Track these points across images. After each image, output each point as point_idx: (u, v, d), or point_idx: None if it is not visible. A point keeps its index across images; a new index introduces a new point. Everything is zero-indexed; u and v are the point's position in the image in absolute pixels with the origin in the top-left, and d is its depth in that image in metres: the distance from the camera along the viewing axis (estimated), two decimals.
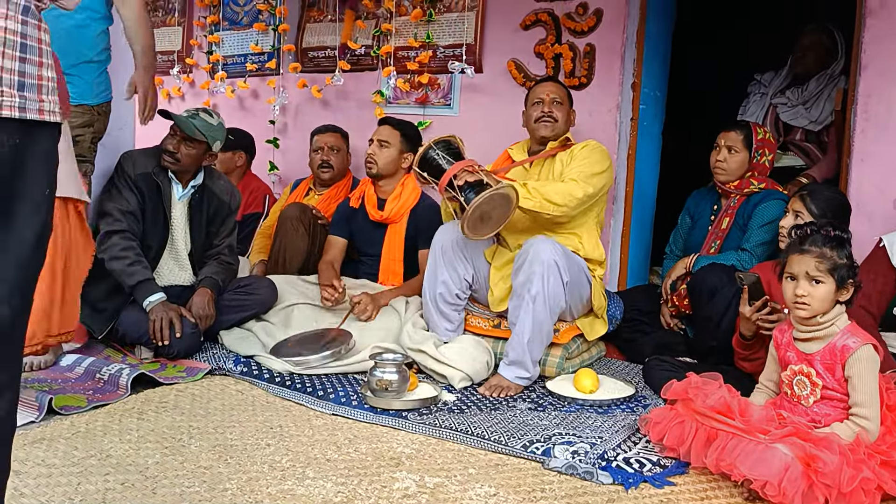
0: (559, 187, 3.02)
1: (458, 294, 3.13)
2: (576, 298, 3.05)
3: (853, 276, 2.21)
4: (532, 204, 2.94)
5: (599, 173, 3.12)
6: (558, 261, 2.84)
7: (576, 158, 3.17)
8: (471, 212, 2.75)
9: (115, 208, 3.10)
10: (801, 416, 2.21)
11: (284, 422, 2.53)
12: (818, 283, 2.19)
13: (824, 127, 3.88)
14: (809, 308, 2.20)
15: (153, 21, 5.37)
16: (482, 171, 2.88)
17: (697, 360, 3.08)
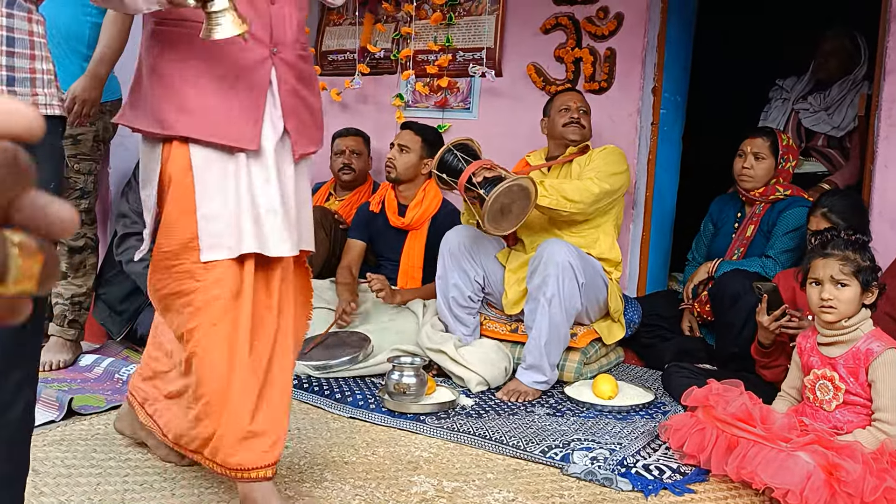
0: (576, 184, 3.06)
1: (470, 296, 3.13)
2: (592, 300, 3.03)
3: (877, 279, 2.19)
4: (549, 201, 2.95)
5: (617, 173, 3.14)
6: (573, 262, 2.83)
7: (593, 161, 3.19)
8: (490, 202, 2.73)
9: (132, 210, 3.11)
10: (823, 423, 2.19)
11: (302, 424, 2.53)
12: (843, 286, 2.18)
13: (847, 133, 3.84)
14: (836, 311, 2.18)
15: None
16: (500, 168, 2.89)
17: (718, 367, 3.06)
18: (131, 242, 3.07)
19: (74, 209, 0.41)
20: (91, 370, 2.95)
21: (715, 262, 3.25)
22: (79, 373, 2.93)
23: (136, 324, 3.13)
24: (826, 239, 2.26)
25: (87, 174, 3.05)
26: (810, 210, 2.92)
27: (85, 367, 2.98)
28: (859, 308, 2.20)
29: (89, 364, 2.99)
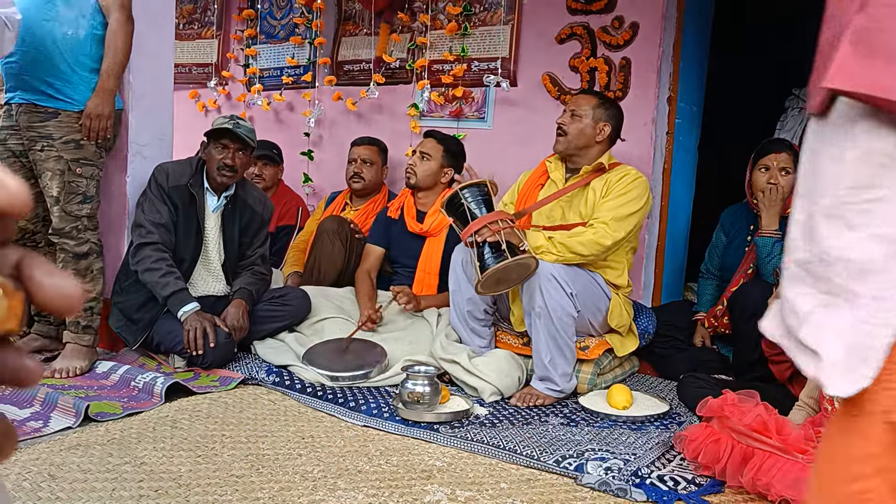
0: (586, 237, 2.91)
1: (486, 309, 3.12)
2: (592, 310, 3.00)
3: None
4: (556, 258, 2.88)
5: (633, 213, 2.98)
6: (555, 273, 2.80)
7: (611, 192, 3.02)
8: (488, 274, 2.73)
9: (147, 220, 3.13)
10: None
11: (316, 432, 2.53)
12: None
13: None
14: None
15: (189, 33, 5.47)
16: (508, 226, 2.80)
17: (734, 377, 3.04)
18: (146, 252, 3.09)
19: (79, 285, 0.42)
20: (107, 377, 2.96)
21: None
22: (95, 380, 2.95)
23: (151, 332, 3.14)
24: None
25: (90, 179, 3.09)
26: None
27: (101, 374, 2.99)
28: None
29: (105, 371, 3.00)
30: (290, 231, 4.34)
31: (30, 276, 0.41)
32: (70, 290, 0.40)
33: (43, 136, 3.01)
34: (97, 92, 3.05)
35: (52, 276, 0.41)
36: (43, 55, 2.98)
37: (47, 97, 3.00)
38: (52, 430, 2.40)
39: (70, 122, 3.03)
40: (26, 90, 3.00)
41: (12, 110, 3.05)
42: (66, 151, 3.03)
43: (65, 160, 3.02)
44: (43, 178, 3.03)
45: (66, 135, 3.02)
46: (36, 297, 0.41)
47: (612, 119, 3.17)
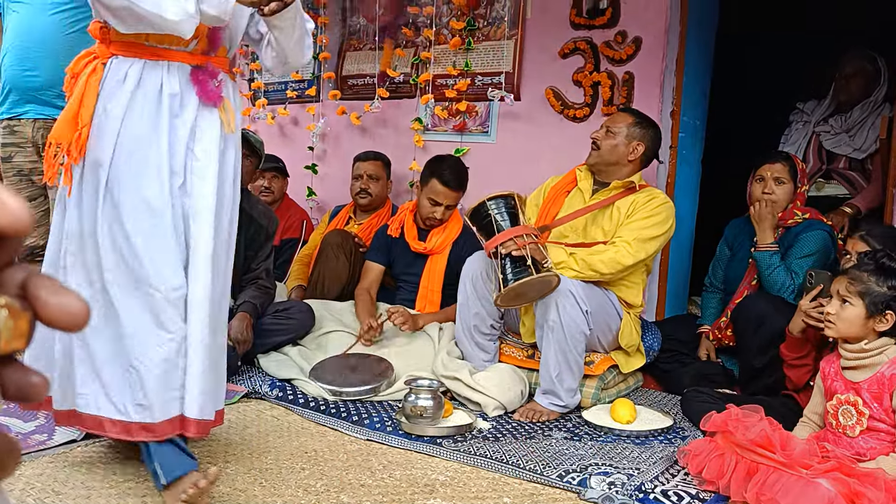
0: (608, 256, 2.94)
1: (492, 325, 3.12)
2: (603, 329, 3.01)
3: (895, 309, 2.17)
4: (576, 274, 2.91)
5: (657, 236, 3.01)
6: (573, 289, 2.81)
7: (636, 213, 3.04)
8: (508, 289, 2.75)
9: None
10: (846, 449, 2.17)
11: (319, 446, 2.53)
12: (846, 303, 2.18)
13: (868, 155, 3.82)
14: (833, 327, 2.22)
15: None
16: (533, 240, 2.82)
17: (738, 391, 3.04)
18: None
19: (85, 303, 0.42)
20: None
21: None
22: None
23: None
24: (862, 259, 2.28)
25: None
26: (849, 232, 2.91)
27: None
28: (868, 332, 2.20)
29: None
30: (295, 244, 4.35)
31: (36, 295, 0.41)
32: (76, 308, 0.41)
33: None
34: None
35: (57, 295, 0.41)
36: None
37: None
38: (57, 444, 2.40)
39: None
40: (44, 105, 2.97)
41: (20, 126, 3.03)
42: None
43: None
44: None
45: None
46: (42, 316, 0.41)
47: (647, 139, 3.17)
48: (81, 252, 2.02)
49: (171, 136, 1.99)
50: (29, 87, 2.95)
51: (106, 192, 1.97)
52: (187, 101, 2.01)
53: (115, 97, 1.98)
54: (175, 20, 1.85)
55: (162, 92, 1.99)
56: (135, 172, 1.97)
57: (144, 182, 1.97)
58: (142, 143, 1.97)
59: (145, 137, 1.97)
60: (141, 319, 1.96)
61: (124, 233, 1.96)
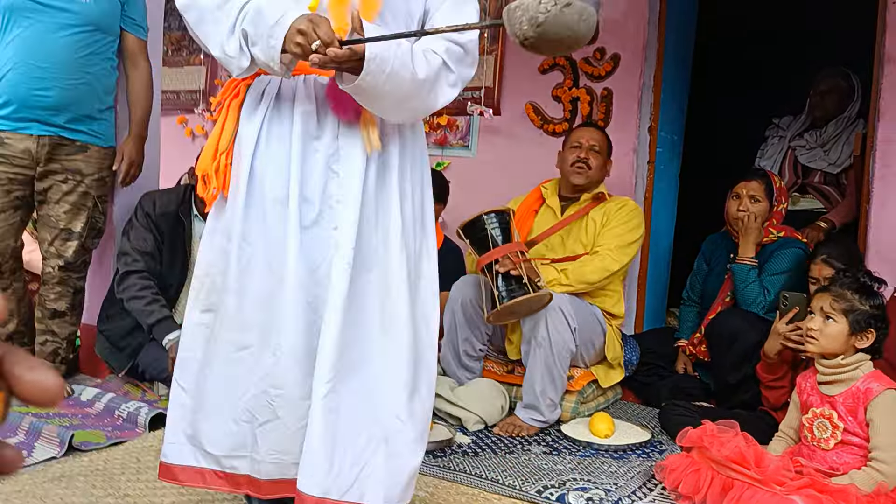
0: (596, 265, 3.03)
1: (480, 349, 3.17)
2: (588, 345, 3.05)
3: (876, 326, 2.21)
4: (568, 289, 2.97)
5: (635, 241, 3.12)
6: (563, 306, 2.85)
7: (611, 222, 3.12)
8: (502, 307, 2.79)
9: (132, 248, 3.15)
10: (820, 464, 2.21)
11: None
12: (830, 320, 2.22)
13: (843, 170, 3.88)
14: (816, 343, 2.25)
15: (178, 60, 5.51)
16: (524, 260, 2.86)
17: (715, 405, 3.08)
18: (132, 280, 3.10)
19: (60, 378, 0.43)
20: (92, 405, 2.96)
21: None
22: (80, 407, 2.95)
23: (137, 360, 3.14)
24: (839, 277, 2.32)
25: (105, 215, 3.18)
26: (810, 258, 2.96)
27: (86, 402, 2.99)
28: (848, 348, 2.23)
29: (90, 399, 3.00)
30: None
31: (11, 372, 0.42)
32: (51, 385, 0.42)
33: (69, 169, 3.00)
34: (135, 139, 3.21)
35: (33, 372, 0.42)
36: (87, 91, 2.99)
37: (78, 132, 2.99)
38: (36, 461, 2.40)
39: (100, 157, 3.07)
40: (49, 123, 2.92)
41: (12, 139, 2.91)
42: (94, 188, 3.07)
43: (92, 196, 3.07)
44: (56, 210, 3.01)
45: (97, 171, 3.07)
46: (17, 392, 0.42)
47: (611, 153, 3.31)
48: (202, 291, 1.82)
49: (306, 160, 1.75)
50: (37, 106, 2.89)
51: (241, 227, 1.76)
52: (325, 118, 1.76)
53: (251, 120, 1.79)
54: (217, 56, 1.70)
55: (294, 110, 1.76)
56: (262, 204, 1.75)
57: (270, 214, 1.74)
58: (273, 169, 1.75)
59: (277, 163, 1.75)
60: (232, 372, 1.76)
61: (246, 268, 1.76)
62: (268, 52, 1.61)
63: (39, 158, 2.94)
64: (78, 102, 2.96)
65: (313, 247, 1.74)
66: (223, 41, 1.66)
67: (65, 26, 2.89)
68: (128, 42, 3.16)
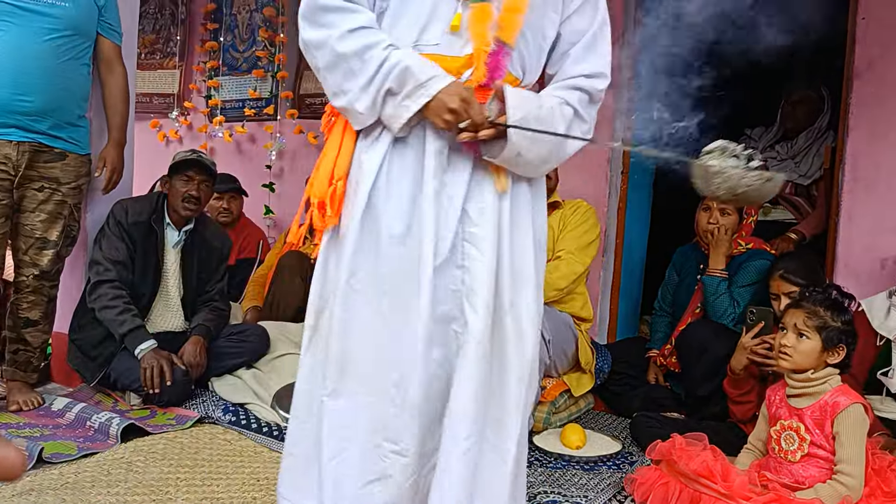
0: (563, 271, 3.08)
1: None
2: (560, 354, 3.07)
3: (846, 342, 2.25)
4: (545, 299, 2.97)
5: (593, 241, 3.19)
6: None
7: (568, 226, 3.19)
8: None
9: (104, 257, 3.13)
10: (786, 477, 2.24)
11: (272, 473, 2.53)
12: (803, 337, 2.25)
13: (813, 181, 3.94)
14: (790, 360, 2.26)
15: (151, 63, 5.48)
16: None
17: (686, 416, 3.11)
18: (103, 290, 3.08)
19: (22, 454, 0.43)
20: (63, 415, 2.94)
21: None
22: (51, 418, 2.92)
23: (109, 369, 3.12)
24: (809, 292, 2.35)
25: (79, 223, 3.15)
26: (769, 274, 3.00)
27: (57, 412, 2.97)
28: (820, 363, 2.26)
29: (61, 409, 2.98)
30: (251, 265, 4.34)
31: None
32: (15, 463, 0.42)
33: (46, 177, 2.96)
34: (115, 145, 3.18)
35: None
36: (67, 96, 2.96)
37: (57, 139, 2.96)
38: None
39: (77, 165, 3.04)
40: (30, 129, 2.88)
41: None
42: (70, 196, 3.04)
43: (69, 205, 3.04)
44: (32, 219, 2.97)
45: (74, 180, 3.03)
46: None
47: None
48: (315, 333, 1.73)
49: (436, 197, 1.60)
50: (18, 112, 2.85)
51: (350, 262, 1.63)
52: (456, 154, 1.62)
53: (373, 148, 1.63)
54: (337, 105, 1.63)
55: (425, 145, 1.61)
56: (376, 240, 1.62)
57: (385, 252, 1.61)
58: (394, 204, 1.61)
59: (399, 198, 1.61)
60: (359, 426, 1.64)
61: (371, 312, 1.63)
62: (397, 111, 1.56)
63: (19, 165, 2.90)
64: (59, 108, 2.93)
65: (440, 291, 1.60)
66: (355, 96, 1.56)
67: (46, 31, 2.86)
68: (104, 47, 3.13)
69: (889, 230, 3.16)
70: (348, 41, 1.56)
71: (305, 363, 1.75)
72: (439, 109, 1.52)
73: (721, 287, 3.16)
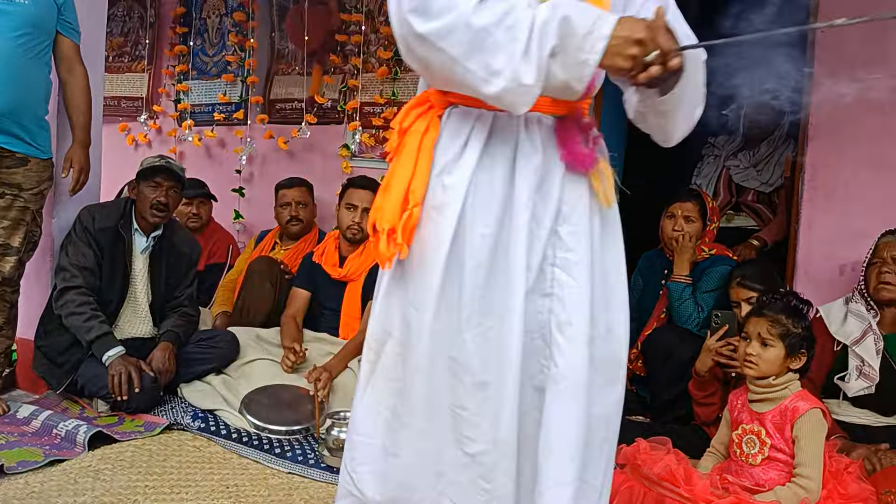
0: None
1: None
2: None
3: (806, 348, 2.31)
4: None
5: None
6: None
7: None
8: None
9: (71, 264, 3.11)
10: (747, 480, 2.29)
11: (241, 480, 2.54)
12: (767, 345, 2.30)
13: (775, 189, 4.02)
14: (756, 368, 2.31)
15: (119, 66, 5.44)
16: None
17: (651, 419, 3.16)
18: (70, 296, 3.07)
19: None
20: (29, 423, 2.91)
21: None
22: (16, 426, 2.90)
23: (76, 375, 3.10)
24: (768, 300, 2.40)
25: (39, 227, 3.11)
26: (728, 282, 3.06)
27: (22, 419, 2.94)
28: (783, 370, 2.32)
29: (27, 416, 2.95)
30: (220, 270, 4.33)
31: None
32: None
33: (8, 183, 2.93)
34: (81, 146, 3.12)
35: None
36: (31, 96, 2.92)
37: (21, 142, 2.93)
38: None
39: (38, 170, 3.00)
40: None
41: None
42: (32, 202, 3.01)
43: (31, 211, 3.01)
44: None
45: (35, 185, 3.00)
46: None
47: None
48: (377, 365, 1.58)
49: (532, 218, 1.47)
50: None
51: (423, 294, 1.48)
52: (550, 167, 1.49)
53: (456, 166, 1.48)
54: (493, 92, 1.34)
55: (517, 158, 1.48)
56: (459, 269, 1.46)
57: (469, 281, 1.46)
58: (480, 228, 1.46)
59: (485, 220, 1.46)
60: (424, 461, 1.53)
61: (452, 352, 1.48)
62: (575, 69, 1.32)
63: None
64: (22, 108, 2.90)
65: (530, 320, 1.47)
66: (517, 69, 1.31)
67: (8, 27, 2.81)
68: (63, 46, 3.07)
69: (847, 238, 3.23)
70: (483, 13, 1.32)
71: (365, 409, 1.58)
72: (623, 46, 1.30)
73: (685, 293, 3.22)
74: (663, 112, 1.45)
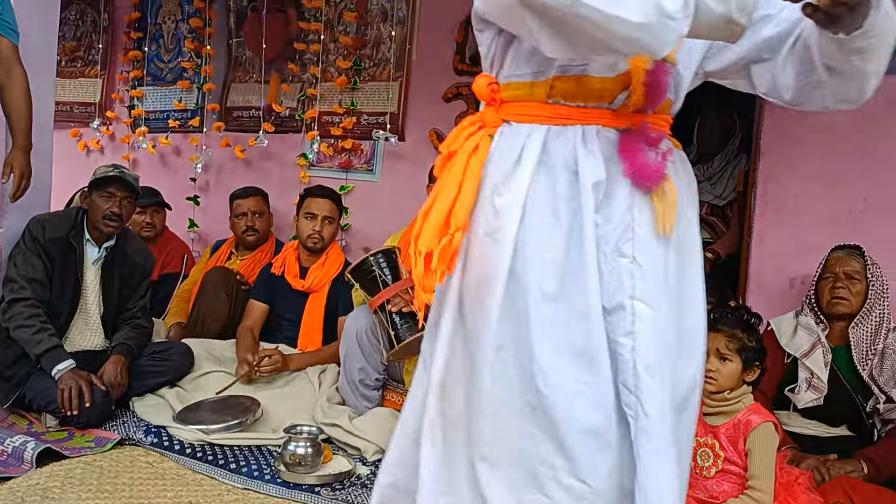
0: None
1: (376, 378, 3.18)
2: None
3: (760, 360, 2.36)
4: None
5: None
6: None
7: None
8: (401, 346, 2.82)
9: (19, 275, 3.04)
10: (701, 492, 2.32)
11: (195, 497, 2.50)
12: (726, 360, 2.34)
13: (728, 202, 4.09)
14: (716, 383, 2.34)
15: (72, 71, 5.34)
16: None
17: None
18: (18, 308, 2.99)
19: None
20: None
21: None
22: None
23: (24, 389, 3.03)
24: (721, 315, 2.43)
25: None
26: None
27: None
28: (740, 383, 2.36)
29: None
30: (175, 279, 4.27)
31: None
32: None
33: None
34: (21, 150, 2.95)
35: None
36: None
37: None
38: None
39: None
40: None
41: None
42: None
43: None
44: None
45: None
46: None
47: None
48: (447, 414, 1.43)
49: (598, 243, 1.32)
50: None
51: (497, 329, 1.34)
52: (616, 184, 1.33)
53: (508, 186, 1.34)
54: (638, 22, 1.07)
55: (579, 176, 1.32)
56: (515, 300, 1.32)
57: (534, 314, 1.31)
58: (539, 255, 1.32)
59: (544, 245, 1.32)
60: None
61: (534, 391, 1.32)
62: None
63: None
64: None
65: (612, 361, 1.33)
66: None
67: None
68: (1, 46, 2.91)
69: (797, 252, 3.30)
70: None
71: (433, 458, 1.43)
72: None
73: None
74: (861, 49, 1.20)
